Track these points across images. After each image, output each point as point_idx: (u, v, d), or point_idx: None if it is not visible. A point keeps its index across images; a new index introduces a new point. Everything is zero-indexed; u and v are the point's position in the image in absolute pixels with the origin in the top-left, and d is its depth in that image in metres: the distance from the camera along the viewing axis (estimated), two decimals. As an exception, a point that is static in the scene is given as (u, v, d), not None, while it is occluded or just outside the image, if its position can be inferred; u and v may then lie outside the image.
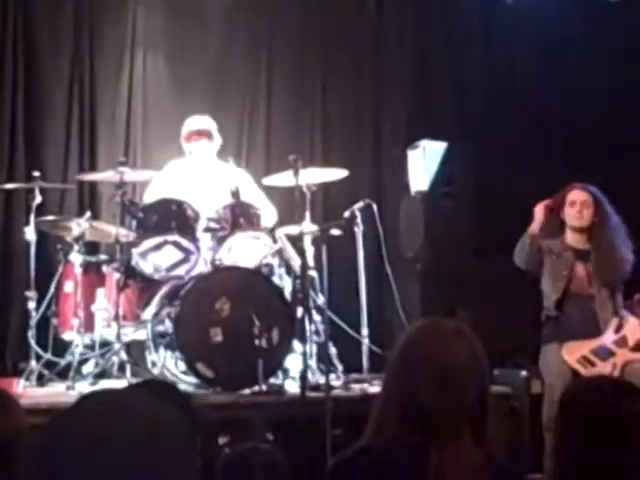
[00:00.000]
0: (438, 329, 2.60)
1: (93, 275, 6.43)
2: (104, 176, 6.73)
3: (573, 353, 5.77)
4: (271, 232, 6.49)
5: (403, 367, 2.55)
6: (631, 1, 8.01)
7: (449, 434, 2.45)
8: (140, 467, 1.51)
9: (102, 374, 6.16)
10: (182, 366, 6.04)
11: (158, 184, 6.92)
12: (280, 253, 6.45)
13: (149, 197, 6.81)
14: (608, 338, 5.83)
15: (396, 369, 2.57)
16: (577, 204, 5.96)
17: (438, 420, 2.45)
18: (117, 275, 6.22)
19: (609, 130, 8.26)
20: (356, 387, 6.10)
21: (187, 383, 5.99)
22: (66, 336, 6.42)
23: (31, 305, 6.38)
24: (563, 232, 6.08)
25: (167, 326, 6.05)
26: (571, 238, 6.03)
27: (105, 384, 6.00)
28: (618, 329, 5.86)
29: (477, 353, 2.55)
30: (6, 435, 2.33)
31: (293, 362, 6.13)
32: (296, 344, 6.05)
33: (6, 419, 2.39)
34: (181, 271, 6.23)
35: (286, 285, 6.36)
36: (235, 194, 6.39)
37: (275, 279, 6.34)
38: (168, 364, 6.10)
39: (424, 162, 7.31)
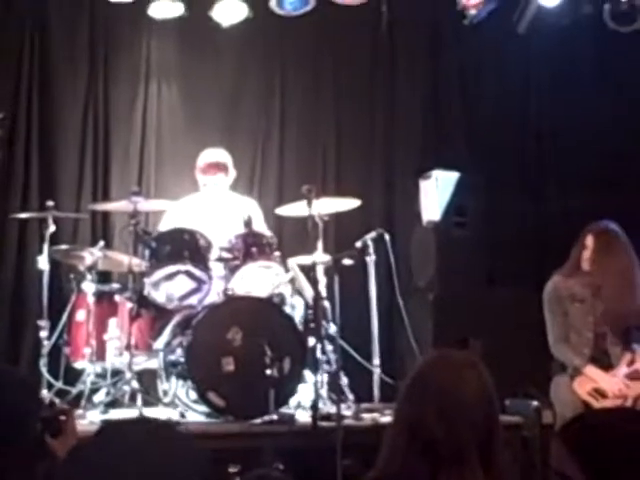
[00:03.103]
0: (448, 361, 2.61)
1: (105, 304, 6.44)
2: (117, 206, 6.75)
3: (584, 386, 5.75)
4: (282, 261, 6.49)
5: (413, 398, 2.56)
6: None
7: (459, 465, 2.45)
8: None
9: (113, 403, 6.17)
10: (193, 395, 6.04)
11: (171, 217, 6.95)
12: (292, 282, 6.46)
13: (163, 229, 6.81)
14: (620, 372, 5.81)
15: (406, 400, 2.58)
16: (587, 249, 5.94)
17: (448, 451, 2.45)
18: (129, 304, 6.23)
19: (622, 158, 8.26)
20: (367, 417, 6.07)
21: (198, 412, 5.99)
22: (78, 365, 6.43)
23: (43, 334, 6.38)
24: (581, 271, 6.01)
25: (179, 355, 6.06)
26: (589, 277, 5.98)
27: (116, 413, 6.01)
28: (631, 363, 5.84)
29: (486, 384, 2.55)
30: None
31: (304, 392, 6.12)
32: (307, 374, 6.05)
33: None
34: (193, 300, 6.24)
35: (297, 314, 6.37)
36: (247, 224, 6.41)
37: (287, 308, 6.34)
38: (179, 393, 6.10)
39: (436, 192, 7.33)
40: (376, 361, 6.53)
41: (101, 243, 6.62)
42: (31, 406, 2.76)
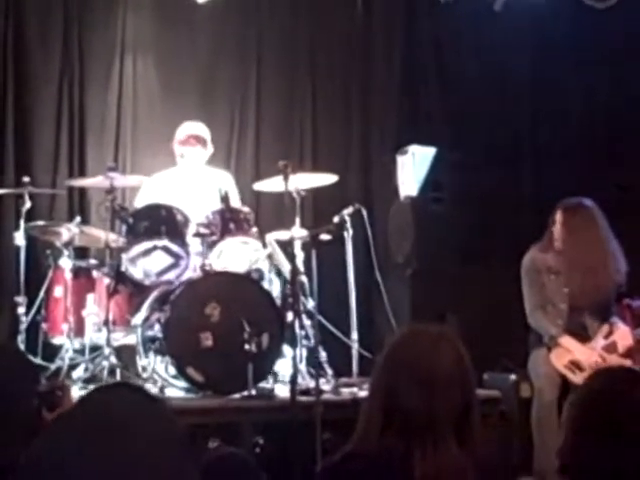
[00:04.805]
0: (422, 334, 2.62)
1: (83, 280, 6.43)
2: (94, 181, 6.73)
3: (561, 358, 5.78)
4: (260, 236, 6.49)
5: (388, 372, 2.57)
6: (617, 7, 8.04)
7: (434, 438, 2.46)
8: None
9: (92, 379, 6.15)
10: (172, 371, 6.04)
11: (147, 192, 6.93)
12: (270, 258, 6.46)
13: (139, 204, 6.80)
14: (598, 344, 5.84)
15: (381, 374, 2.59)
16: (556, 225, 5.97)
17: (422, 424, 2.47)
18: (107, 280, 6.22)
19: (598, 135, 8.29)
20: (346, 391, 6.09)
21: (177, 387, 6.00)
22: (56, 341, 6.41)
23: (21, 310, 6.36)
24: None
25: (157, 331, 6.06)
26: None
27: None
28: (608, 335, 5.87)
29: (461, 357, 2.56)
30: None
31: (283, 366, 6.14)
32: (286, 348, 6.05)
33: None
34: (171, 276, 6.24)
35: (276, 290, 6.38)
36: (225, 199, 6.40)
37: (265, 284, 6.35)
38: (158, 369, 6.10)
39: (413, 167, 7.34)
40: (354, 336, 6.54)
41: (78, 219, 6.60)
42: (29, 381, 2.76)
